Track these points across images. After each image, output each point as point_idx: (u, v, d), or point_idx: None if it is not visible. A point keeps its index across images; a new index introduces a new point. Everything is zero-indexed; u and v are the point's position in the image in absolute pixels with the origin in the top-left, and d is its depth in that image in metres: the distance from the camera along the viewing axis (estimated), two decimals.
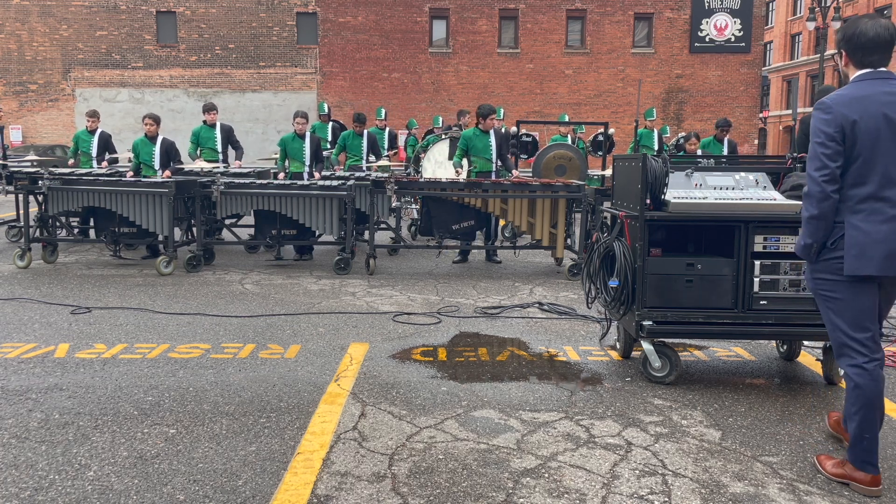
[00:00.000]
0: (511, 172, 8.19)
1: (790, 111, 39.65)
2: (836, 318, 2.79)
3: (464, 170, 8.32)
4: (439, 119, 13.37)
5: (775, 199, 3.95)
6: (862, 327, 2.74)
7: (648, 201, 3.96)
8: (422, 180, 7.62)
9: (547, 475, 2.87)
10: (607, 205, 5.21)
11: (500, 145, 8.14)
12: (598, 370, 4.30)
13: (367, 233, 8.51)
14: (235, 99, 25.52)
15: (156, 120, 8.33)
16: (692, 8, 25.10)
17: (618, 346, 4.63)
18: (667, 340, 4.13)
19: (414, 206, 8.30)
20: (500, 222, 8.74)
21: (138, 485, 2.75)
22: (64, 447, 3.08)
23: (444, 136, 10.32)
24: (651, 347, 4.01)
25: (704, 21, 25.12)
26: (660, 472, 2.92)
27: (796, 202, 3.89)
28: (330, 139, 11.17)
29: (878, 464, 2.75)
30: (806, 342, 4.73)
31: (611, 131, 11.49)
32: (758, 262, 3.89)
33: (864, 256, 2.66)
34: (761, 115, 36.81)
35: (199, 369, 4.20)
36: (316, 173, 8.34)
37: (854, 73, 2.79)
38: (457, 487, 2.76)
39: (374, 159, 9.84)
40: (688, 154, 9.86)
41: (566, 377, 4.16)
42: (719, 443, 3.24)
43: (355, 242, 8.44)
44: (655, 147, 11.18)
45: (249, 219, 8.30)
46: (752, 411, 3.64)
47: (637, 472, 2.92)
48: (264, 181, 7.83)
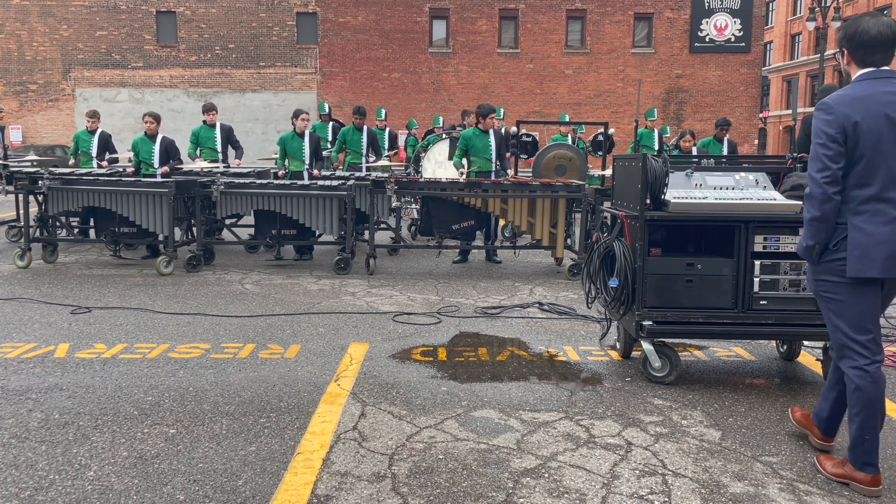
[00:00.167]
0: (506, 172, 8.17)
1: (790, 111, 39.63)
2: (838, 319, 2.78)
3: (465, 170, 8.32)
4: (439, 119, 13.37)
5: (775, 199, 3.95)
6: (863, 329, 2.73)
7: (648, 201, 3.96)
8: (422, 180, 7.62)
9: (547, 475, 2.87)
10: (607, 205, 5.21)
11: (499, 145, 8.15)
12: (598, 370, 4.30)
13: (367, 233, 8.52)
14: (235, 99, 25.52)
15: (156, 118, 8.33)
16: (692, 8, 25.11)
17: (618, 346, 4.63)
18: (667, 340, 4.13)
19: (414, 206, 8.30)
20: (500, 222, 8.74)
21: (138, 485, 2.75)
22: (64, 447, 3.08)
23: (445, 136, 10.32)
24: (651, 347, 4.01)
25: (704, 21, 25.13)
26: (660, 472, 2.92)
27: (796, 202, 3.88)
28: (330, 139, 11.17)
29: (878, 464, 2.75)
30: (806, 342, 4.73)
31: (611, 131, 11.48)
32: (758, 262, 3.89)
33: (866, 258, 2.64)
34: (761, 115, 36.81)
35: (199, 369, 4.20)
36: (315, 171, 8.34)
37: (856, 73, 2.76)
38: (457, 487, 2.76)
39: (375, 157, 9.84)
40: (683, 152, 9.85)
41: (566, 377, 4.16)
42: (719, 443, 3.24)
43: (355, 242, 8.44)
44: (655, 147, 11.18)
45: (249, 219, 8.31)
46: (752, 411, 3.64)
47: (637, 472, 2.92)
48: (264, 181, 7.83)
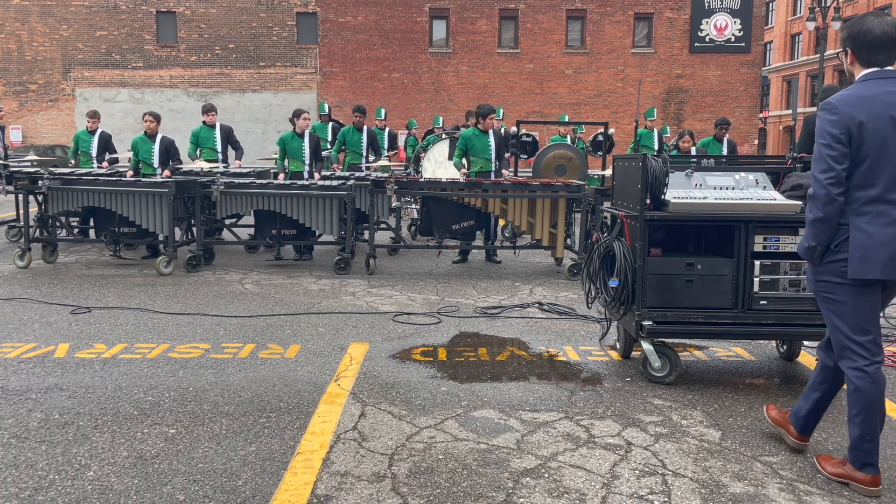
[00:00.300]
0: (502, 172, 8.16)
1: (790, 111, 39.63)
2: (838, 320, 2.77)
3: (467, 169, 8.32)
4: (439, 119, 13.37)
5: (775, 199, 3.95)
6: (863, 330, 2.73)
7: (648, 201, 3.96)
8: (422, 180, 7.62)
9: (547, 475, 2.87)
10: (607, 205, 5.21)
11: (498, 146, 8.15)
12: (598, 370, 4.30)
13: (367, 233, 8.51)
14: (235, 99, 25.52)
15: (156, 118, 8.33)
16: (692, 8, 25.11)
17: (618, 346, 4.63)
18: (667, 340, 4.13)
19: (414, 206, 8.29)
20: (500, 222, 8.74)
21: (138, 485, 2.75)
22: (64, 447, 3.08)
23: (445, 136, 10.32)
24: (651, 347, 4.01)
25: (704, 21, 25.13)
26: (660, 472, 2.92)
27: (796, 202, 3.89)
28: (330, 139, 11.17)
29: (878, 464, 2.75)
30: (806, 342, 4.73)
31: (611, 131, 11.48)
32: (758, 262, 3.89)
33: (868, 260, 2.63)
34: (761, 115, 36.81)
35: (199, 369, 4.20)
36: (316, 174, 8.34)
37: (860, 72, 2.74)
38: (457, 487, 2.76)
39: (374, 156, 9.83)
40: (682, 152, 9.85)
41: (566, 377, 4.16)
42: (719, 443, 3.24)
43: (355, 242, 8.44)
44: (655, 147, 11.18)
45: (249, 219, 8.31)
46: (752, 411, 3.64)
47: (637, 472, 2.92)
48: (264, 181, 7.83)
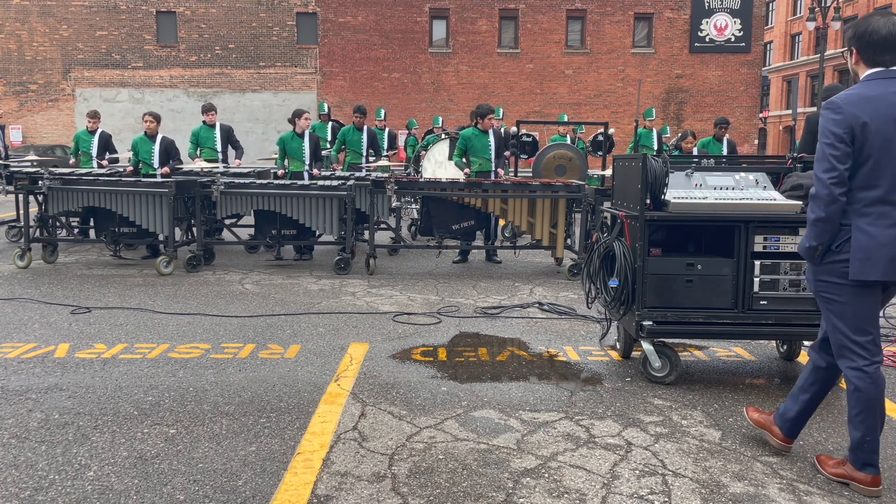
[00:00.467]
0: (497, 172, 8.15)
1: (790, 111, 39.63)
2: (838, 320, 2.76)
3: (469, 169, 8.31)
4: (439, 119, 13.36)
5: (775, 199, 3.95)
6: (863, 331, 2.73)
7: (648, 201, 3.96)
8: (422, 180, 7.62)
9: (547, 475, 2.87)
10: (607, 205, 5.21)
11: (498, 145, 8.15)
12: (598, 370, 4.30)
13: (367, 233, 8.51)
14: (235, 99, 25.53)
15: (156, 118, 8.33)
16: (692, 8, 25.11)
17: (618, 346, 4.62)
18: (667, 340, 4.13)
19: (414, 206, 8.29)
20: (500, 222, 8.74)
21: (138, 485, 2.75)
22: (64, 447, 3.08)
23: (445, 136, 10.32)
24: (651, 347, 4.01)
25: (704, 21, 25.13)
26: (660, 472, 2.92)
27: (796, 202, 3.89)
28: (329, 139, 11.17)
29: (878, 464, 2.75)
30: (806, 342, 4.73)
31: (611, 131, 11.48)
32: (758, 262, 3.89)
33: (869, 261, 2.62)
34: (761, 115, 36.82)
35: (199, 369, 4.20)
36: (315, 171, 8.34)
37: (864, 72, 2.73)
38: (457, 487, 2.76)
39: (374, 156, 9.83)
40: (685, 153, 9.85)
41: (566, 377, 4.15)
42: (719, 443, 3.24)
43: (355, 242, 8.44)
44: (655, 147, 11.18)
45: (249, 219, 8.31)
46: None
47: (637, 472, 2.92)
48: (264, 181, 7.83)
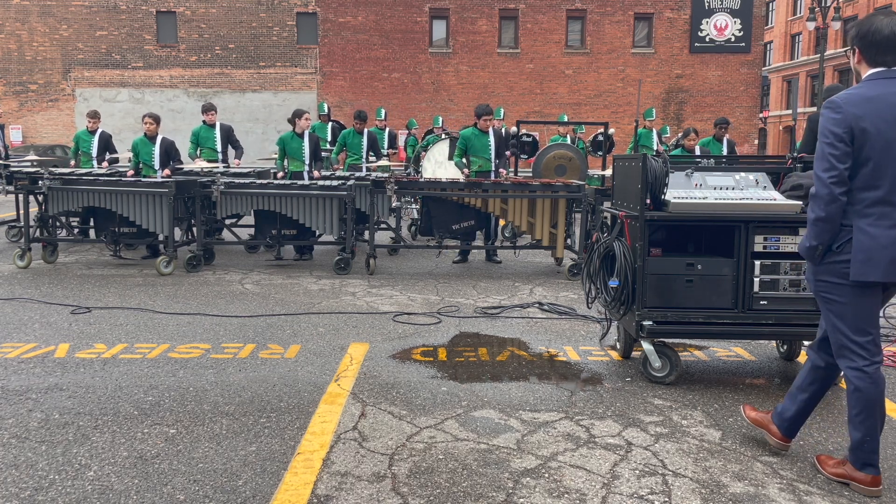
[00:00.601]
0: (500, 172, 8.15)
1: (790, 111, 39.63)
2: (838, 320, 2.76)
3: (469, 169, 8.31)
4: (439, 119, 13.37)
5: (775, 199, 3.95)
6: (863, 331, 2.72)
7: (648, 201, 3.96)
8: (422, 180, 7.62)
9: (547, 475, 2.87)
10: (607, 205, 5.21)
11: (498, 145, 8.14)
12: (598, 370, 4.30)
13: (367, 233, 8.51)
14: (235, 99, 25.53)
15: (156, 119, 8.33)
16: (692, 8, 25.11)
17: (618, 346, 4.62)
18: (667, 340, 4.13)
19: (414, 206, 8.29)
20: (500, 222, 8.74)
21: (138, 485, 2.75)
22: (64, 447, 3.08)
23: (445, 136, 10.32)
24: (651, 347, 4.01)
25: (704, 21, 25.13)
26: (660, 472, 2.92)
27: (796, 202, 3.89)
28: (329, 139, 11.17)
29: (878, 464, 2.75)
30: (806, 342, 4.73)
31: (611, 131, 11.48)
32: (758, 262, 3.89)
33: (870, 262, 2.62)
34: (761, 115, 36.81)
35: (199, 369, 4.20)
36: (315, 172, 8.34)
37: (866, 72, 2.73)
38: (457, 487, 2.76)
39: (374, 158, 9.84)
40: (687, 151, 9.83)
41: (566, 377, 4.15)
42: (719, 443, 3.24)
43: (355, 242, 8.44)
44: (654, 147, 11.17)
45: (249, 219, 8.31)
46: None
47: (637, 472, 2.92)
48: (264, 181, 7.83)
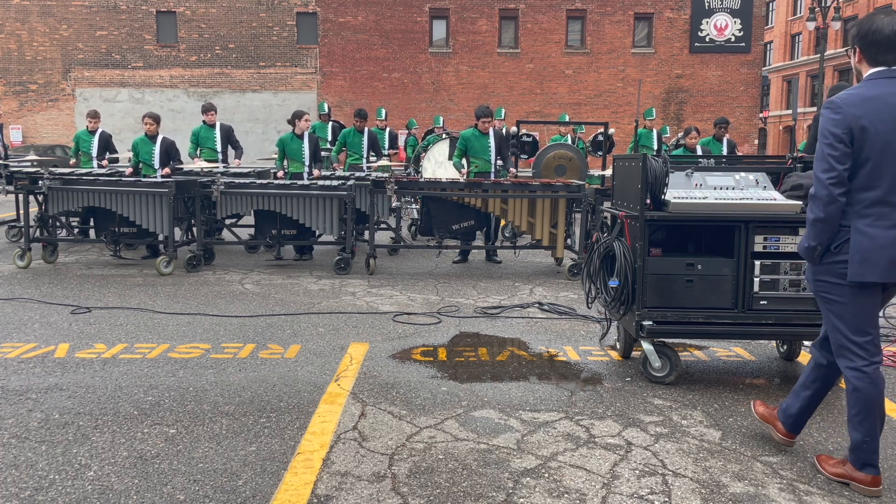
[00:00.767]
0: (507, 171, 8.18)
1: (790, 111, 39.63)
2: (837, 320, 2.77)
3: (466, 170, 8.32)
4: (440, 119, 13.38)
5: (775, 199, 3.95)
6: (862, 331, 2.72)
7: (648, 201, 3.96)
8: (422, 180, 7.62)
9: (547, 475, 2.87)
10: (607, 205, 5.21)
11: (499, 146, 8.14)
12: (598, 370, 4.30)
13: (367, 233, 8.51)
14: (235, 99, 25.53)
15: (156, 119, 8.33)
16: (692, 8, 25.11)
17: (618, 346, 4.62)
18: (667, 340, 4.13)
19: (414, 206, 8.28)
20: (500, 222, 8.74)
21: (138, 485, 2.75)
22: (64, 447, 3.08)
23: (445, 136, 10.32)
24: (651, 347, 4.01)
25: (704, 21, 25.13)
26: (660, 472, 2.92)
27: (796, 202, 3.89)
28: (330, 139, 11.17)
29: (878, 464, 2.75)
30: (806, 342, 4.73)
31: (611, 131, 11.48)
32: (758, 262, 3.89)
33: (867, 262, 2.62)
34: (761, 115, 36.81)
35: (199, 369, 4.20)
36: (315, 171, 8.34)
37: (867, 71, 2.72)
38: (457, 487, 2.76)
39: (375, 157, 9.84)
40: (689, 149, 9.83)
41: (566, 377, 4.16)
42: (719, 443, 3.24)
43: (355, 242, 8.44)
44: (654, 147, 11.17)
45: (249, 219, 8.31)
46: (752, 411, 3.63)
47: (637, 472, 2.92)
48: (264, 181, 7.83)
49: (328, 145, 10.81)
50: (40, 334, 4.95)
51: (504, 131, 9.20)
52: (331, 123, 11.64)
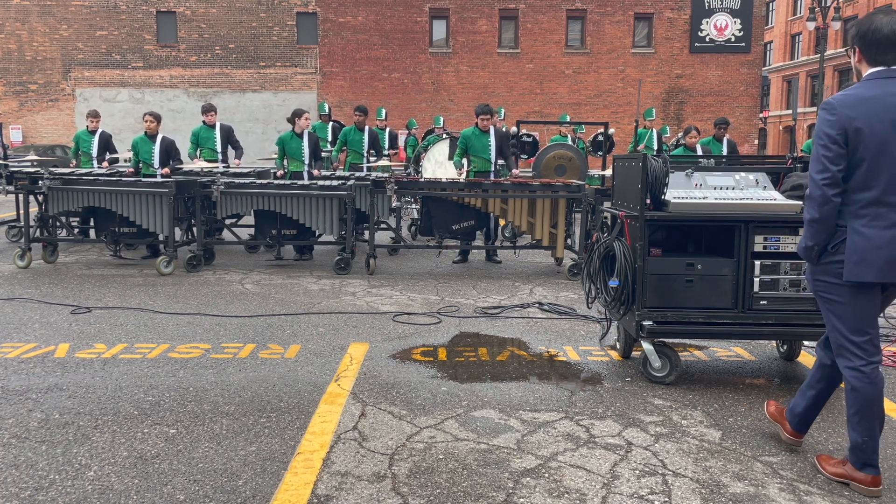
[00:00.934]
0: (509, 171, 8.18)
1: (790, 111, 39.64)
2: (836, 320, 2.77)
3: (466, 169, 8.32)
4: (440, 119, 13.37)
5: (775, 199, 3.95)
6: (861, 331, 2.73)
7: (648, 201, 3.96)
8: (422, 180, 7.62)
9: (547, 475, 2.87)
10: (607, 205, 5.21)
11: (500, 145, 8.13)
12: (598, 370, 4.30)
13: (367, 233, 8.51)
14: (235, 99, 25.53)
15: (156, 118, 8.33)
16: (692, 8, 25.11)
17: (618, 346, 4.63)
18: (667, 340, 4.13)
19: (414, 206, 8.28)
20: (500, 222, 8.74)
21: (138, 485, 2.75)
22: (64, 447, 3.08)
23: (445, 136, 10.32)
24: (651, 347, 4.01)
25: (704, 21, 25.13)
26: (660, 472, 2.92)
27: (796, 202, 3.89)
28: (330, 139, 11.17)
29: (878, 464, 2.75)
30: (806, 342, 4.73)
31: (611, 131, 11.49)
32: (758, 262, 3.89)
33: (864, 262, 2.62)
34: (761, 115, 36.81)
35: (199, 369, 4.20)
36: (316, 171, 8.34)
37: (867, 71, 2.72)
38: (457, 487, 2.76)
39: (375, 156, 9.83)
40: (689, 149, 9.83)
41: (566, 377, 4.16)
42: (719, 443, 3.24)
43: (355, 242, 8.44)
44: (654, 147, 11.17)
45: (249, 219, 8.31)
46: (752, 411, 3.64)
47: (637, 472, 2.92)
48: (264, 181, 7.83)
49: (328, 146, 10.80)
50: (40, 334, 4.95)
51: (504, 131, 9.19)
52: (331, 124, 11.64)
